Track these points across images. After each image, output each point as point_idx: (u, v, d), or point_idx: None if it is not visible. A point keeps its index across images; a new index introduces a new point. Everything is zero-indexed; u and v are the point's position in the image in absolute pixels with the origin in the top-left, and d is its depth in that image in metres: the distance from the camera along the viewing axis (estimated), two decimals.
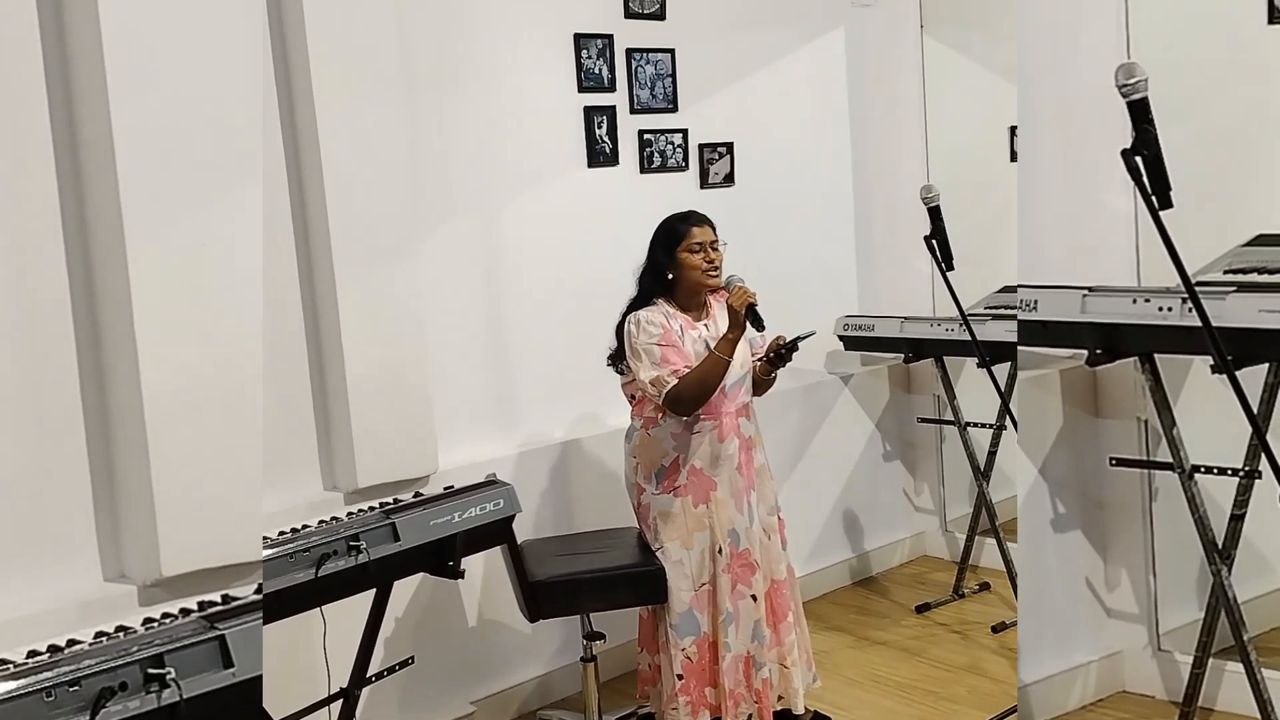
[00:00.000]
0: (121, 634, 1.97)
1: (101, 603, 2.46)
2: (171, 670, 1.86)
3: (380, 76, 3.30)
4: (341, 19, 3.19)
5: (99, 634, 1.98)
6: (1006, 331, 4.03)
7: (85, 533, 2.54)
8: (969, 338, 3.85)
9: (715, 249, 3.16)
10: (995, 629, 4.12)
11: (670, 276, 3.17)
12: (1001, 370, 4.09)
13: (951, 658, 3.94)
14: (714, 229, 3.18)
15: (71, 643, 1.94)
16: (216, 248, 2.61)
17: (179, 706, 1.86)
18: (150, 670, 1.85)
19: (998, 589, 4.47)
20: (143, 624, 2.02)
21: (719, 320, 3.19)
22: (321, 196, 3.17)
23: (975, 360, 3.91)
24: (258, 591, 2.16)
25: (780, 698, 3.24)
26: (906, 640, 4.12)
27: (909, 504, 4.95)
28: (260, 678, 2.04)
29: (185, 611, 2.06)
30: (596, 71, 3.94)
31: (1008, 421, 4.05)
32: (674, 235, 3.16)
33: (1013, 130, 4.73)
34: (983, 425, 4.40)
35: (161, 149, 2.53)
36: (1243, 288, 2.84)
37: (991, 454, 4.41)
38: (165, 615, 2.05)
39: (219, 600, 2.12)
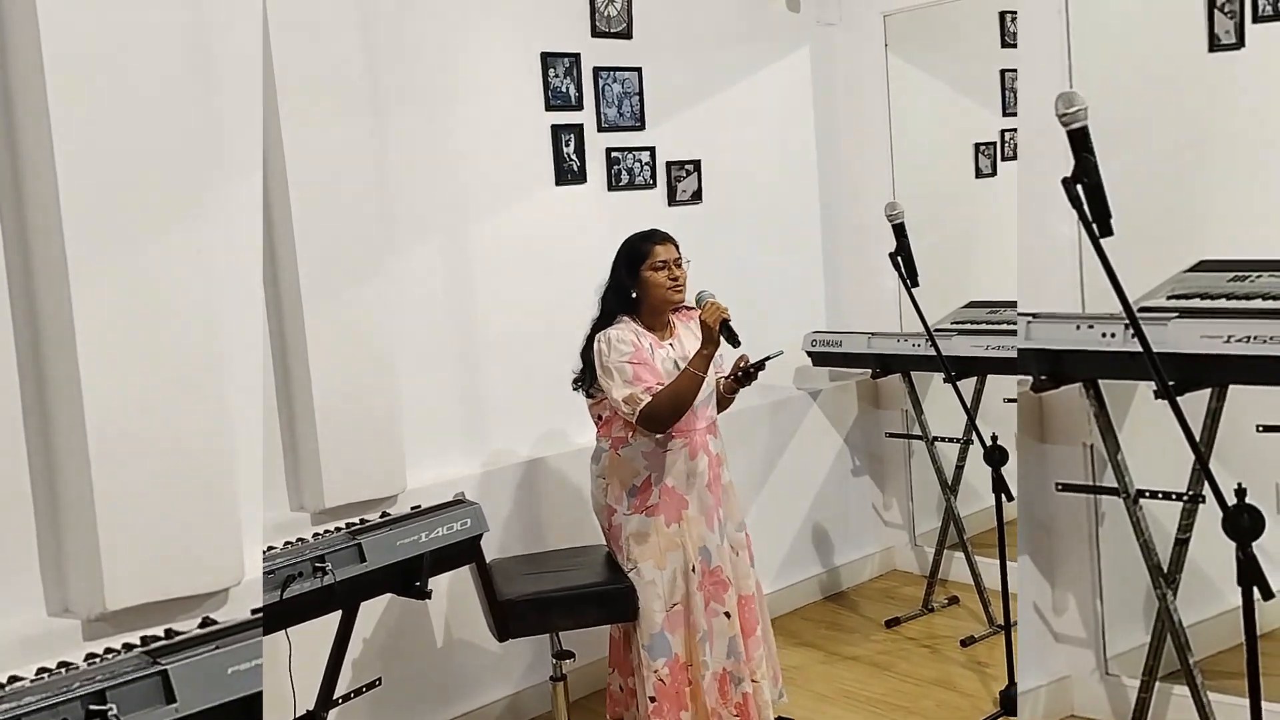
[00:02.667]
0: (64, 670, 1.95)
1: (45, 637, 2.42)
2: (113, 706, 1.84)
3: (347, 95, 3.30)
4: (307, 37, 3.19)
5: (41, 670, 1.96)
6: (972, 346, 4.09)
7: (28, 566, 2.49)
8: (935, 353, 3.88)
9: (679, 266, 3.15)
10: (964, 643, 4.14)
11: (634, 296, 3.16)
12: (967, 385, 4.13)
13: (921, 672, 3.96)
14: (677, 246, 3.17)
15: (13, 679, 1.92)
16: (165, 277, 2.57)
17: None
18: (92, 706, 1.83)
19: (966, 603, 4.49)
20: (85, 659, 2.00)
21: (684, 339, 3.19)
22: (288, 215, 3.16)
23: (942, 375, 3.94)
24: (202, 625, 2.13)
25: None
26: (876, 655, 4.13)
27: (878, 518, 4.98)
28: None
29: (128, 646, 2.04)
30: (564, 90, 3.95)
31: (974, 436, 4.08)
32: (637, 254, 3.14)
33: (977, 147, 4.80)
34: (950, 440, 4.44)
35: (107, 175, 2.49)
36: (1185, 313, 2.87)
37: (959, 468, 4.45)
38: (108, 650, 2.03)
39: (162, 635, 2.10)
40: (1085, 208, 2.13)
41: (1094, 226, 2.13)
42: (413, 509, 2.98)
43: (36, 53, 2.39)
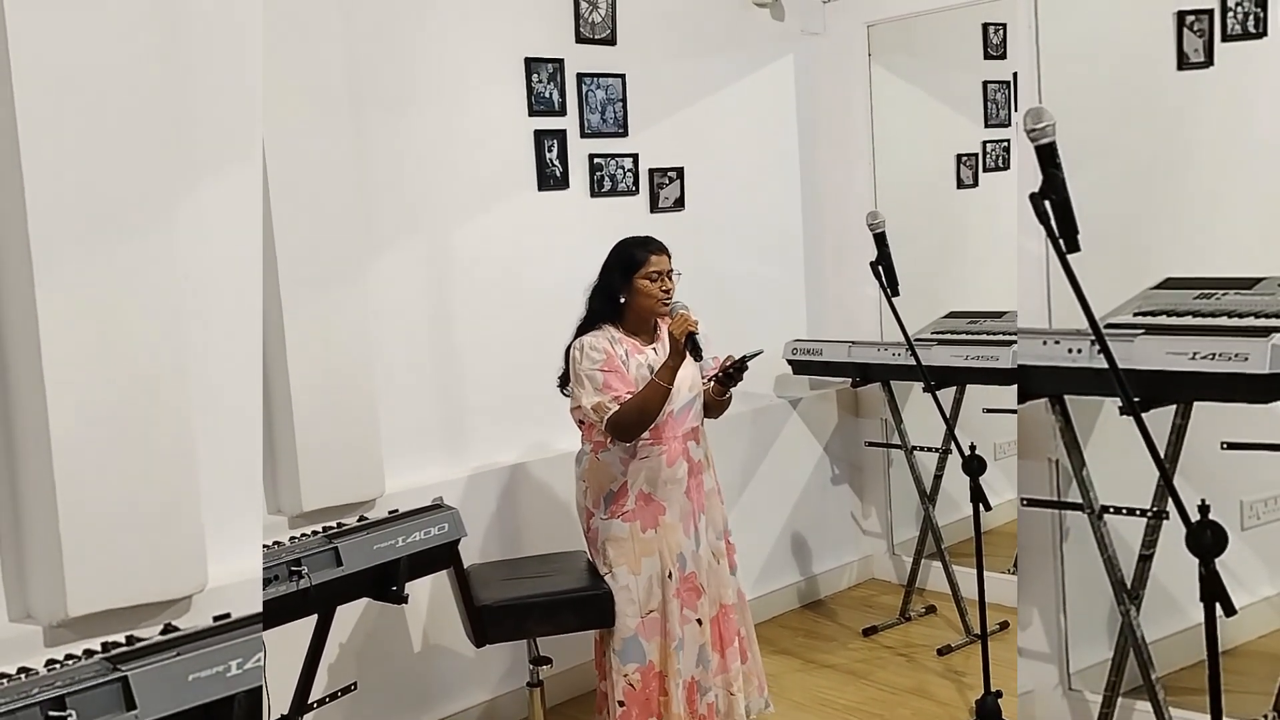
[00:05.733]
0: (23, 675, 1.95)
1: (5, 643, 2.41)
2: (73, 713, 1.84)
3: (329, 97, 3.30)
4: (290, 39, 3.19)
5: (0, 675, 1.95)
6: (952, 356, 4.11)
7: None
8: (915, 362, 3.90)
9: (670, 278, 3.16)
10: (941, 652, 4.16)
11: (622, 301, 3.16)
12: (947, 395, 4.15)
13: (898, 680, 3.97)
14: (670, 257, 3.18)
15: None
16: (131, 284, 2.56)
17: None
18: (51, 712, 1.83)
19: (944, 612, 4.51)
20: (45, 665, 1.99)
21: (667, 346, 3.20)
22: (269, 218, 3.15)
23: (921, 385, 3.96)
24: (164, 632, 2.12)
25: None
26: (853, 663, 4.14)
27: (856, 527, 4.99)
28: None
29: (89, 653, 2.03)
30: (547, 95, 3.96)
31: (953, 446, 4.11)
32: (632, 261, 3.15)
33: (959, 158, 4.83)
34: (929, 449, 4.45)
35: (74, 180, 2.48)
36: (1151, 330, 2.89)
37: (938, 478, 4.47)
38: (69, 656, 2.03)
39: (124, 641, 2.10)
40: (1053, 223, 2.14)
41: (1061, 242, 2.14)
42: (390, 513, 2.97)
43: (4, 52, 2.38)
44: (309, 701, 2.89)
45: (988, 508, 3.54)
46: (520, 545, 3.80)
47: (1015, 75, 3.80)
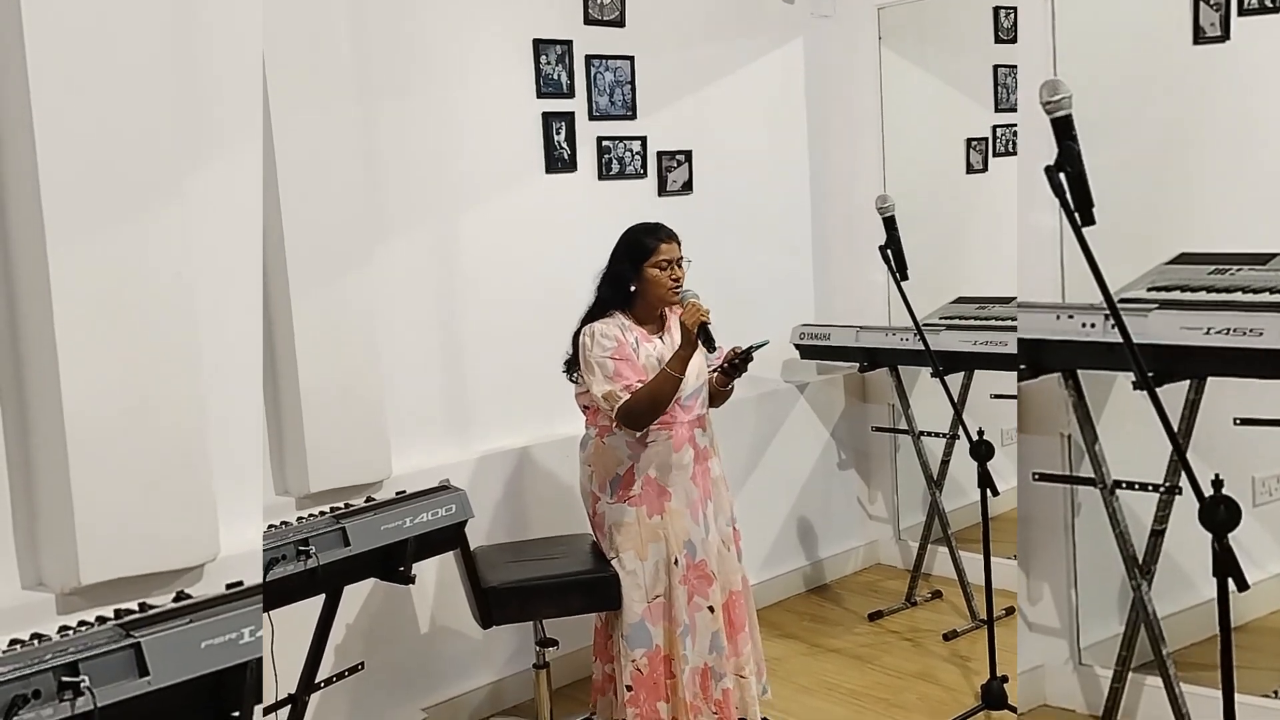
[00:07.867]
0: (36, 641, 1.96)
1: (18, 610, 2.43)
2: (86, 678, 1.85)
3: (335, 82, 3.29)
4: (295, 23, 3.18)
5: (13, 641, 1.96)
6: (960, 341, 4.09)
7: (2, 539, 2.49)
8: (923, 347, 3.89)
9: (680, 266, 3.14)
10: (946, 637, 4.15)
11: (632, 289, 3.14)
12: (955, 380, 4.14)
13: (903, 665, 3.97)
14: (680, 245, 3.16)
15: None
16: (143, 256, 2.57)
17: (93, 715, 1.85)
18: (64, 678, 1.84)
19: (950, 597, 4.51)
20: (58, 632, 2.00)
21: (676, 334, 3.18)
22: (276, 202, 3.15)
23: (929, 370, 3.94)
24: (176, 599, 2.12)
25: (735, 708, 3.23)
26: (859, 648, 4.14)
27: (863, 512, 4.98)
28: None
29: (101, 619, 2.04)
30: (555, 77, 3.95)
31: (961, 431, 4.09)
32: (641, 249, 3.12)
33: (969, 142, 4.81)
34: (936, 434, 4.44)
35: (86, 158, 2.49)
36: (1165, 305, 2.88)
37: (945, 463, 4.46)
38: (81, 623, 2.04)
39: (136, 608, 2.11)
40: (1068, 196, 2.13)
41: (1076, 215, 2.13)
42: (398, 494, 2.98)
43: (18, 31, 2.38)
44: (316, 681, 2.90)
45: (995, 493, 3.53)
46: (526, 528, 3.80)
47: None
